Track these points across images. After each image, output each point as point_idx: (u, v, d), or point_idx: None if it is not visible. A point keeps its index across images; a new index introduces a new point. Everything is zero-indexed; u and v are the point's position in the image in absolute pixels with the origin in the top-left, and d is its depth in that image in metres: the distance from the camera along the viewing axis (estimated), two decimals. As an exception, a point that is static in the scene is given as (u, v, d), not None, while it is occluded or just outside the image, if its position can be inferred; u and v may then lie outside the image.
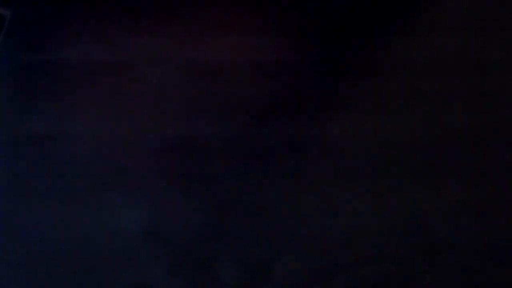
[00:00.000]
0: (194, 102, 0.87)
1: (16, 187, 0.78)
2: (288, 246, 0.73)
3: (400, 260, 0.72)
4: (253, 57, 0.93)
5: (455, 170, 0.80)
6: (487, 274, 0.71)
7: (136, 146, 0.82)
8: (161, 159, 0.81)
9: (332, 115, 0.86)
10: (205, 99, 0.88)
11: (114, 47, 0.94)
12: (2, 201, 0.77)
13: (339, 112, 0.86)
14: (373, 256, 0.72)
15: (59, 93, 0.88)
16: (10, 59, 0.93)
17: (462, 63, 0.92)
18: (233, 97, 0.88)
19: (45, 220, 0.75)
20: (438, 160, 0.81)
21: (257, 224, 0.75)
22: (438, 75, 0.91)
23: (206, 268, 0.71)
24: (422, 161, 0.81)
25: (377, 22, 0.98)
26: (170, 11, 1.00)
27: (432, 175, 0.79)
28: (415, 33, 0.97)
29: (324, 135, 0.84)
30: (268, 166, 0.80)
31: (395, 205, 0.76)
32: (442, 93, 0.89)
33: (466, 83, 0.90)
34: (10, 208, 0.76)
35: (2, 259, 0.72)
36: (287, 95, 0.88)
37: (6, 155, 0.82)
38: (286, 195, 0.77)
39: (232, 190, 0.78)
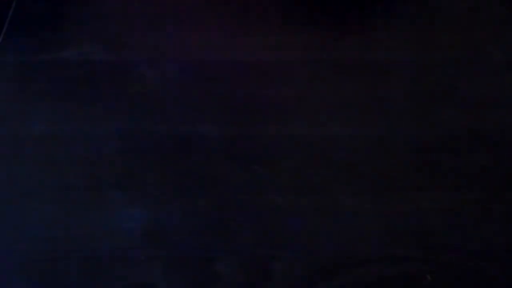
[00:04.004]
0: (194, 102, 0.87)
1: (16, 187, 0.78)
2: (288, 246, 0.73)
3: (400, 260, 0.72)
4: (253, 57, 0.93)
5: (455, 170, 0.80)
6: (487, 274, 0.71)
7: (136, 146, 0.82)
8: (161, 159, 0.81)
9: (332, 115, 0.86)
10: (205, 99, 0.87)
11: (114, 47, 0.94)
12: (2, 201, 0.77)
13: (339, 112, 0.86)
14: (373, 256, 0.72)
15: (59, 93, 0.88)
16: (10, 59, 0.93)
17: (461, 63, 0.92)
18: (233, 97, 0.88)
19: (45, 219, 0.75)
20: (438, 160, 0.81)
21: (257, 224, 0.75)
22: (437, 74, 0.91)
23: (206, 268, 0.71)
24: (422, 161, 0.81)
25: (377, 22, 0.98)
26: (170, 11, 1.00)
27: (432, 175, 0.79)
28: (415, 33, 0.97)
29: (324, 135, 0.84)
30: (268, 166, 0.80)
31: (395, 205, 0.76)
32: (442, 93, 0.89)
33: (465, 82, 0.90)
34: (10, 208, 0.76)
35: (2, 259, 0.72)
36: (287, 95, 0.88)
37: (6, 155, 0.82)
38: (286, 195, 0.77)
39: (232, 190, 0.78)
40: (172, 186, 0.78)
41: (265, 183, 0.78)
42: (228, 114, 0.86)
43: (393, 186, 0.78)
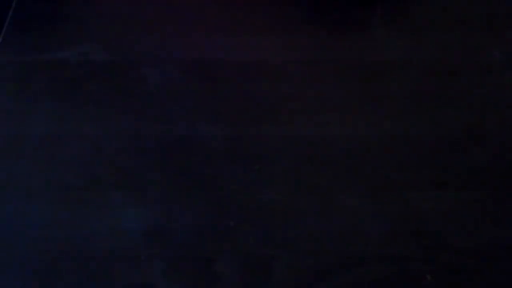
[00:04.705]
0: (194, 102, 0.87)
1: (16, 187, 0.78)
2: (288, 246, 0.73)
3: (400, 260, 0.72)
4: (254, 57, 0.93)
5: (455, 170, 0.80)
6: (487, 274, 0.71)
7: (136, 146, 0.82)
8: (161, 159, 0.81)
9: (332, 115, 0.86)
10: (205, 99, 0.87)
11: (114, 47, 0.94)
12: (2, 201, 0.77)
13: (339, 112, 0.86)
14: (373, 256, 0.72)
15: (59, 93, 0.88)
16: (10, 59, 0.93)
17: (461, 63, 0.92)
18: (233, 97, 0.88)
19: (45, 219, 0.75)
20: (438, 160, 0.81)
21: (257, 224, 0.75)
22: (437, 74, 0.91)
23: (206, 268, 0.71)
24: (422, 161, 0.81)
25: (377, 22, 0.98)
26: (170, 10, 1.00)
27: (432, 175, 0.79)
28: (415, 33, 0.97)
29: (324, 135, 0.84)
30: (268, 166, 0.80)
31: (395, 205, 0.76)
32: (442, 93, 0.89)
33: (465, 82, 0.90)
34: (10, 208, 0.76)
35: (2, 259, 0.72)
36: (287, 95, 0.88)
37: (6, 155, 0.82)
38: (286, 195, 0.77)
39: (232, 190, 0.78)
40: (172, 186, 0.78)
41: (265, 183, 0.78)
42: (228, 114, 0.86)
43: (393, 186, 0.78)
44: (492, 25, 0.97)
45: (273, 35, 0.96)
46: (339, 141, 0.83)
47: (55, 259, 0.71)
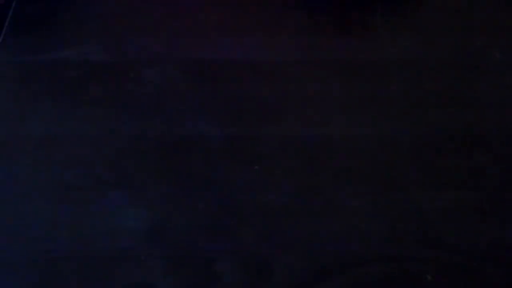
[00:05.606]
0: (194, 102, 0.87)
1: (16, 187, 0.78)
2: (288, 246, 0.73)
3: (400, 260, 0.72)
4: (253, 57, 0.93)
5: (455, 170, 0.80)
6: (487, 274, 0.71)
7: (136, 146, 0.82)
8: (161, 159, 0.81)
9: (332, 115, 0.86)
10: (205, 99, 0.87)
11: (114, 47, 0.94)
12: (2, 201, 0.77)
13: (339, 112, 0.86)
14: (373, 256, 0.72)
15: (59, 93, 0.88)
16: (10, 59, 0.93)
17: (461, 63, 0.92)
18: (233, 97, 0.88)
19: (44, 219, 0.75)
20: (438, 160, 0.81)
21: (257, 224, 0.75)
22: (437, 74, 0.91)
23: (206, 268, 0.71)
24: (422, 161, 0.81)
25: (377, 22, 0.98)
26: (170, 11, 1.00)
27: (432, 174, 0.79)
28: (415, 33, 0.97)
29: (324, 135, 0.84)
30: (268, 166, 0.80)
31: (395, 205, 0.76)
32: (442, 93, 0.89)
33: (466, 82, 0.90)
34: (10, 208, 0.76)
35: (2, 259, 0.72)
36: (287, 95, 0.88)
37: (6, 155, 0.82)
38: (286, 195, 0.77)
39: (232, 190, 0.78)
40: (172, 186, 0.78)
41: (265, 183, 0.78)
42: (228, 114, 0.86)
43: (393, 186, 0.78)
44: (492, 25, 0.97)
45: (273, 35, 0.96)
46: (339, 141, 0.83)
47: (55, 259, 0.71)
